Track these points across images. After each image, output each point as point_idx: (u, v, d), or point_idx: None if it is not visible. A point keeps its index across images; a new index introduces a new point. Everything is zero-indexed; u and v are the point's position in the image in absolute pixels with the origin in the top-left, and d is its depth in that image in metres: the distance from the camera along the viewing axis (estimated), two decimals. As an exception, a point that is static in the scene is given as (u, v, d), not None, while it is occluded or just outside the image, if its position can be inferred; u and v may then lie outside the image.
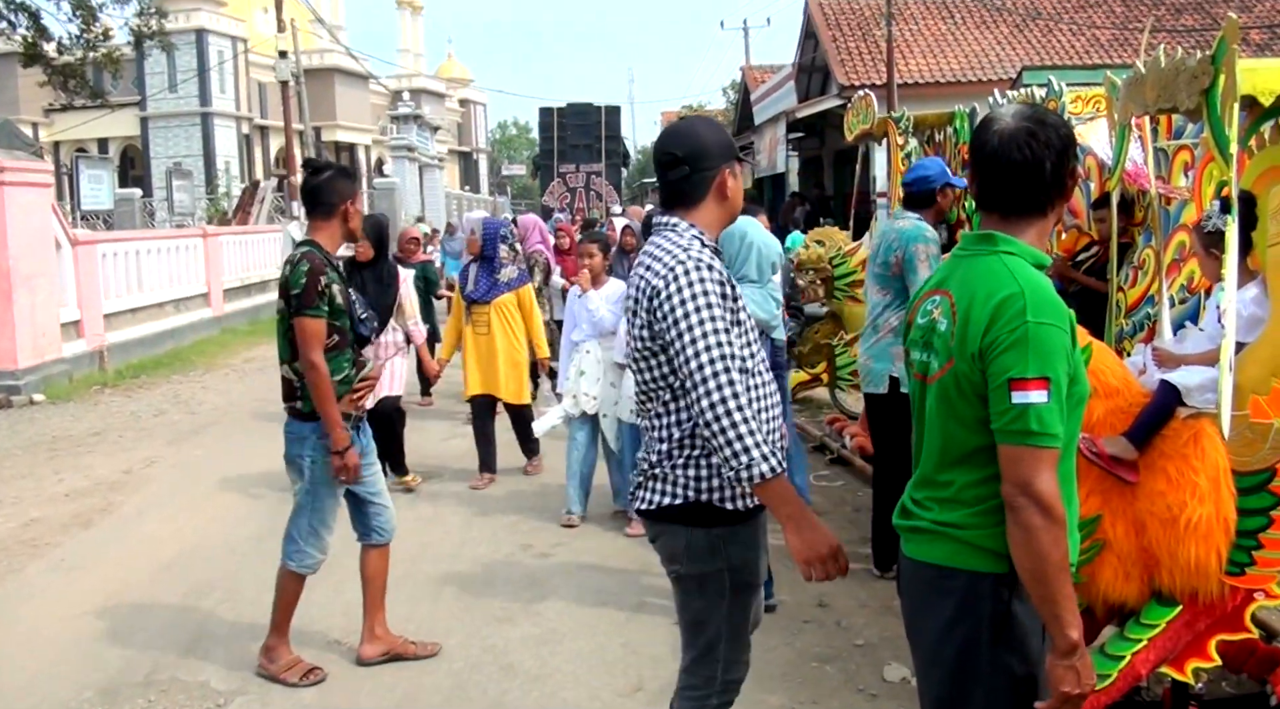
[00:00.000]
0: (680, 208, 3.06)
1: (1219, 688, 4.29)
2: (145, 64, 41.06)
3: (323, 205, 4.62)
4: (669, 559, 3.08)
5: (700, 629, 3.08)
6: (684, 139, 3.05)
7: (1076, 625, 2.30)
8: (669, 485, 2.98)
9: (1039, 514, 2.26)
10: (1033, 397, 2.26)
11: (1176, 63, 3.80)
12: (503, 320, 7.84)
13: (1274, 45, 23.55)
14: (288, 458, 4.69)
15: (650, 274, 2.92)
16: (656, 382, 2.98)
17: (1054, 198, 2.46)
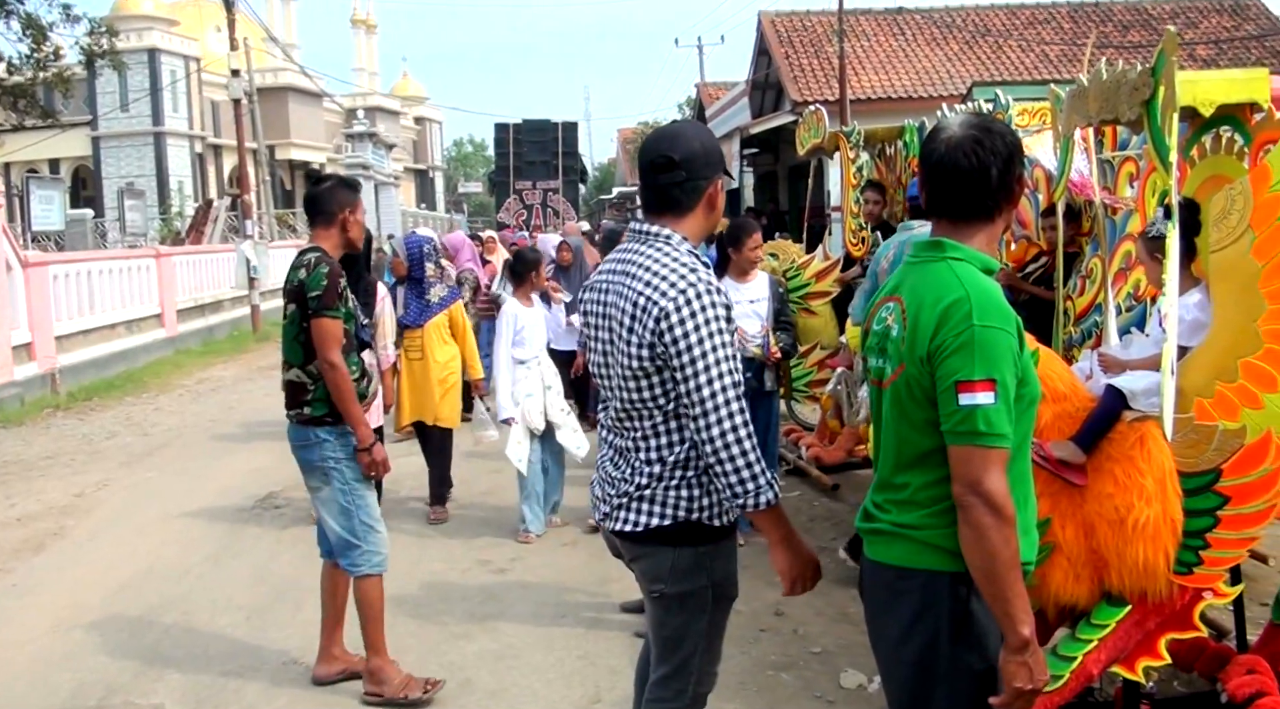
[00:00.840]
0: (669, 216, 2.94)
1: (1170, 687, 4.35)
2: (97, 83, 40.60)
3: (323, 214, 4.64)
4: (652, 580, 2.99)
5: (677, 645, 3.04)
6: (680, 142, 2.92)
7: (1028, 622, 2.34)
8: (658, 506, 2.91)
9: (989, 513, 2.31)
10: (980, 398, 2.31)
11: (1118, 75, 3.88)
12: (436, 343, 7.44)
13: (1220, 61, 23.99)
14: (307, 464, 4.62)
15: (655, 292, 2.79)
16: (646, 403, 2.88)
17: (1001, 203, 2.51)
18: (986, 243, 2.53)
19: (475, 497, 8.01)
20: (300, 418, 4.58)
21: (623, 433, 3.00)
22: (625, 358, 2.86)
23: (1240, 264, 3.57)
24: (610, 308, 2.92)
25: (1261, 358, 3.48)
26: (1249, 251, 3.54)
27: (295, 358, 4.58)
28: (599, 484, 3.10)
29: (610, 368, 2.95)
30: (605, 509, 3.03)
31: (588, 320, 3.06)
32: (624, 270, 2.91)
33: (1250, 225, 3.54)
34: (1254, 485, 3.38)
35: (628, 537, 2.98)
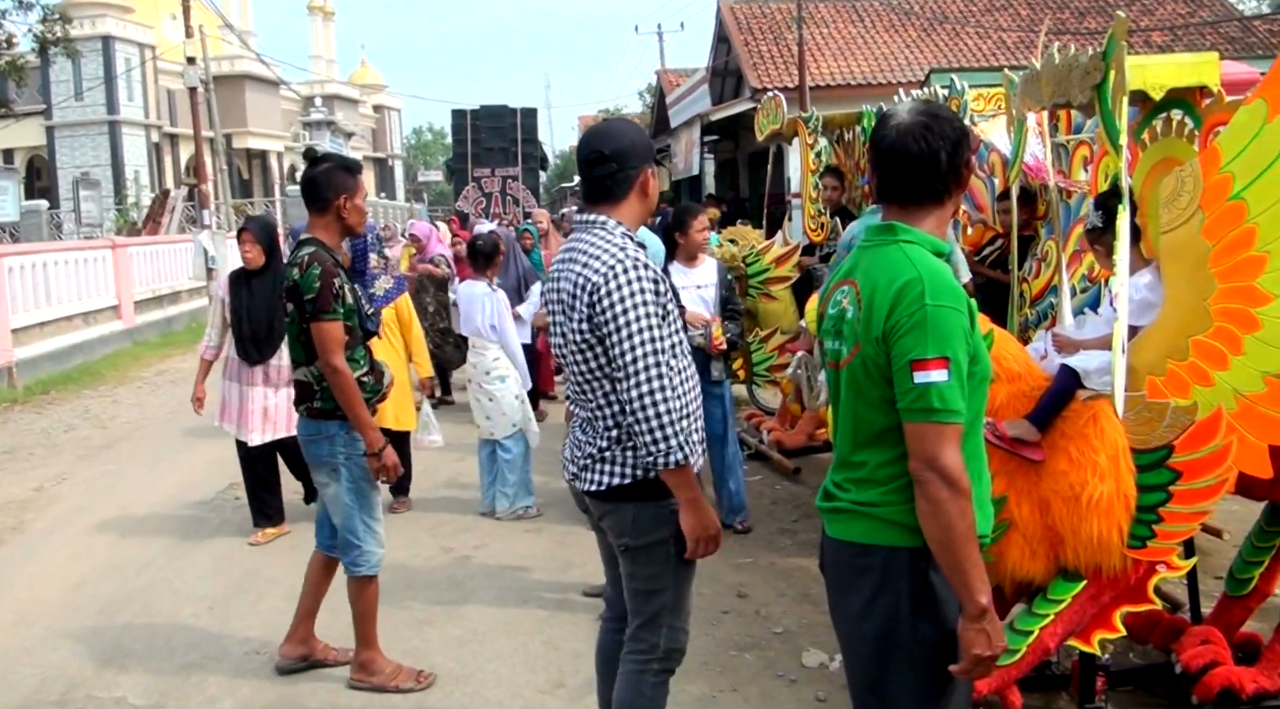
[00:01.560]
0: (605, 204, 3.21)
1: (1125, 658, 4.44)
2: (50, 72, 39.93)
3: (318, 200, 4.42)
4: (618, 533, 3.25)
5: (649, 597, 3.28)
6: (610, 138, 3.20)
7: (985, 591, 2.41)
8: (618, 466, 3.17)
9: (944, 487, 2.38)
10: (933, 376, 2.38)
11: (1070, 59, 3.93)
12: (383, 340, 6.62)
13: (1175, 47, 24.22)
14: (315, 460, 4.52)
15: (589, 271, 3.07)
16: (594, 372, 3.14)
17: (950, 187, 2.58)
18: (936, 226, 2.59)
19: (438, 485, 8.00)
20: (310, 411, 4.49)
21: (583, 403, 3.26)
22: (574, 334, 3.14)
23: (1190, 244, 3.64)
24: (561, 291, 3.19)
25: (1212, 336, 3.55)
26: (1199, 232, 3.61)
27: (299, 357, 4.47)
28: (569, 447, 3.37)
29: (566, 346, 3.21)
30: (574, 470, 3.31)
31: (548, 306, 3.32)
32: (570, 256, 3.20)
33: (1200, 206, 3.61)
34: (1205, 461, 3.45)
35: (594, 495, 3.25)
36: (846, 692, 4.32)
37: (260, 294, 6.43)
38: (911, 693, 2.55)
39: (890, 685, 2.57)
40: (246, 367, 6.63)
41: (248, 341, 6.54)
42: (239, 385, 6.67)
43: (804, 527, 6.44)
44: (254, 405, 6.61)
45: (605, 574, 3.63)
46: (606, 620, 3.62)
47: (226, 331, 6.66)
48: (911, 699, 2.56)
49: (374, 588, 4.63)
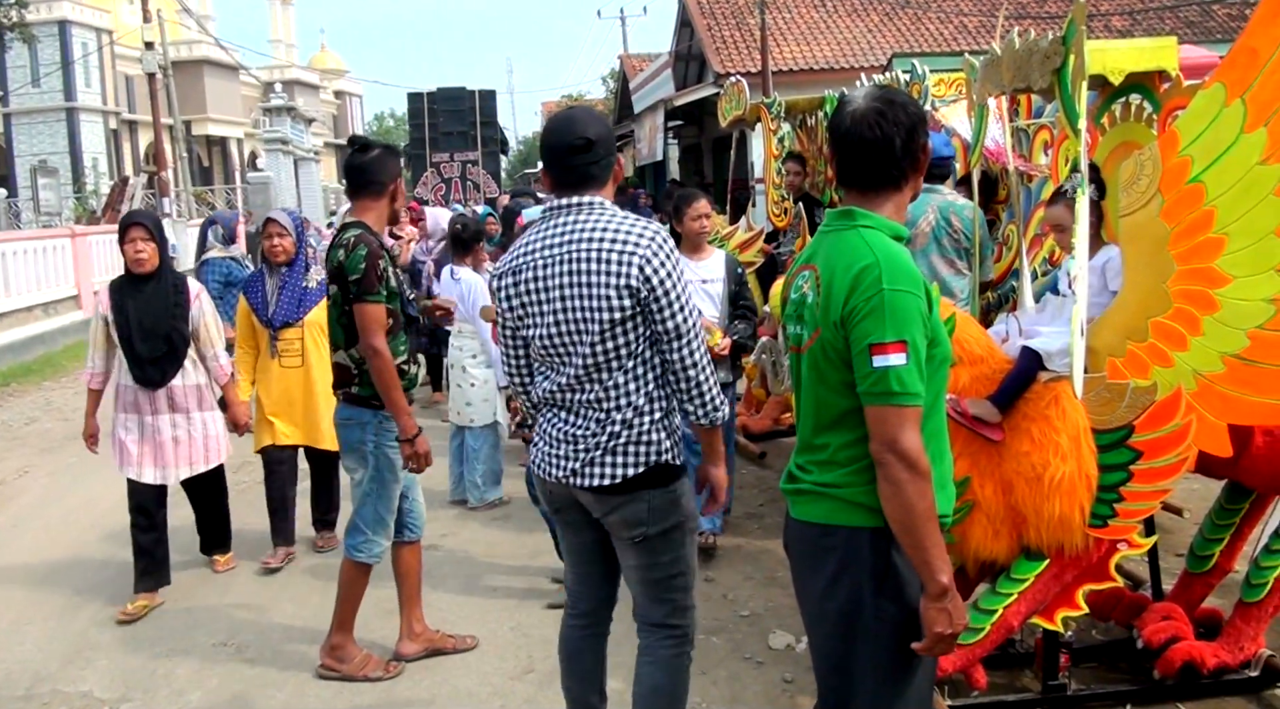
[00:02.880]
0: (590, 189, 3.19)
1: (1089, 635, 4.50)
2: (6, 58, 39.40)
3: (374, 184, 4.44)
4: (633, 525, 3.19)
5: (670, 583, 3.28)
6: (593, 125, 3.21)
7: (946, 570, 2.45)
8: (631, 455, 3.14)
9: (904, 469, 2.41)
10: (892, 359, 2.41)
11: (1030, 44, 3.96)
12: (317, 344, 5.95)
13: (1134, 31, 24.43)
14: (348, 445, 4.51)
15: (629, 246, 3.04)
16: (620, 352, 3.10)
17: (906, 172, 2.62)
18: (895, 211, 2.63)
19: (405, 473, 7.97)
20: (347, 396, 4.47)
21: (584, 387, 3.15)
22: (596, 314, 3.07)
23: (1150, 227, 3.68)
24: (562, 277, 3.11)
25: (1171, 317, 3.60)
26: (1158, 215, 3.65)
27: (339, 339, 4.46)
28: (550, 444, 3.25)
29: (568, 334, 3.12)
30: (571, 466, 3.18)
31: (523, 298, 3.21)
32: (569, 239, 3.13)
33: (1159, 190, 3.65)
34: (1165, 440, 3.50)
35: (603, 490, 3.16)
36: (813, 673, 4.39)
37: (155, 302, 5.44)
38: (875, 671, 2.59)
39: (854, 664, 2.60)
40: (145, 393, 5.52)
41: (145, 363, 5.45)
42: (138, 417, 5.57)
43: (769, 511, 6.47)
44: (164, 436, 5.56)
45: (572, 572, 3.55)
46: (573, 618, 3.54)
47: (114, 353, 5.55)
48: (876, 677, 2.59)
49: (365, 576, 4.62)
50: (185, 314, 5.49)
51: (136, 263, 5.39)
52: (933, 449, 2.52)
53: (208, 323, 5.60)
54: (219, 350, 5.68)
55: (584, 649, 3.50)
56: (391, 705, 4.42)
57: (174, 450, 5.60)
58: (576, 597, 3.53)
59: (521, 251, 3.24)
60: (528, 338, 3.26)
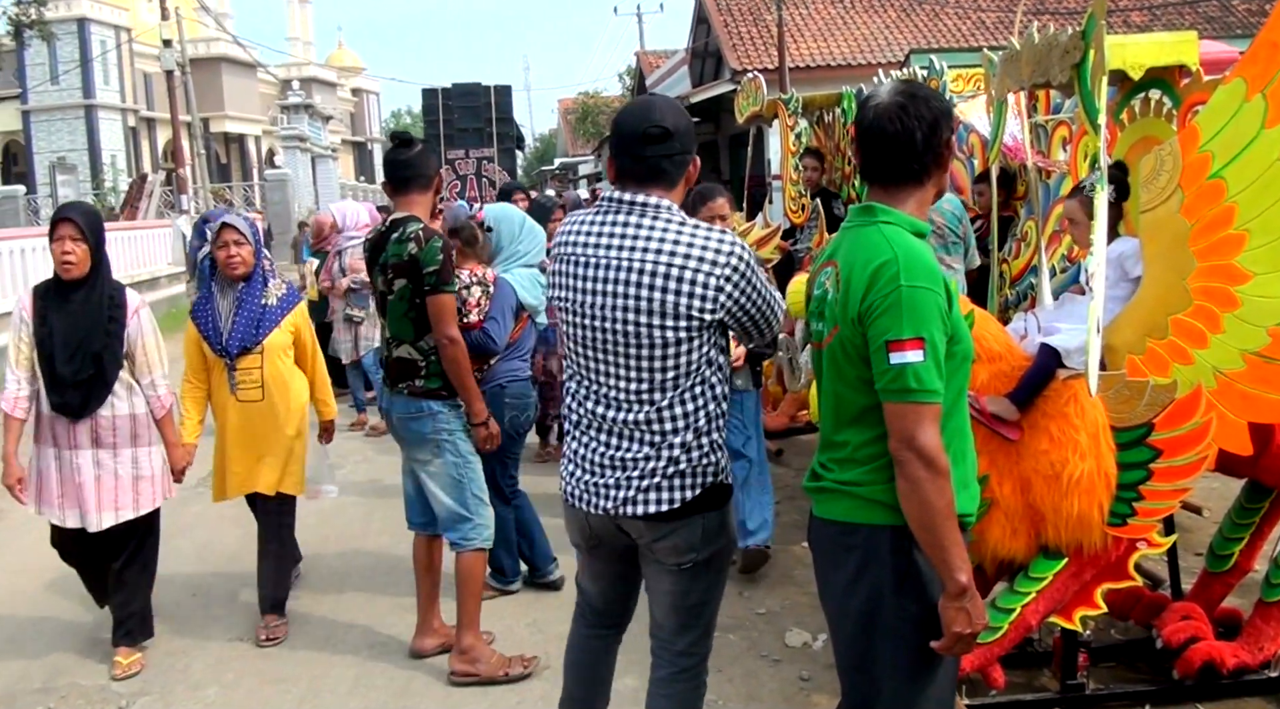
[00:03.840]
0: (659, 188, 2.88)
1: (1107, 635, 4.48)
2: (25, 55, 39.60)
3: (422, 177, 4.43)
4: (682, 551, 2.95)
5: (702, 609, 3.09)
6: (670, 114, 2.88)
7: (965, 569, 2.44)
8: (689, 477, 2.90)
9: (923, 466, 2.39)
10: (909, 356, 2.39)
11: (1049, 39, 3.94)
12: (279, 372, 5.02)
13: (1154, 26, 24.28)
14: (418, 437, 4.45)
15: (707, 261, 2.77)
16: (681, 369, 2.85)
17: (929, 167, 2.59)
18: (917, 207, 2.61)
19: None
20: (412, 390, 4.43)
21: (634, 407, 2.89)
22: (659, 330, 2.81)
23: (1170, 223, 3.65)
24: (617, 286, 2.84)
25: (1191, 314, 3.57)
26: (1178, 211, 3.63)
27: (406, 334, 4.40)
28: (594, 471, 2.98)
29: (618, 344, 2.87)
30: (623, 494, 2.92)
31: (570, 298, 2.95)
32: (630, 245, 2.84)
33: (1179, 185, 3.62)
34: (1185, 438, 3.47)
35: (659, 517, 2.91)
36: (830, 671, 4.38)
37: (85, 315, 4.62)
38: (897, 670, 2.58)
39: (876, 662, 2.59)
40: (66, 423, 4.63)
41: (66, 386, 4.57)
42: (54, 450, 4.68)
43: (786, 509, 6.45)
44: (84, 476, 4.63)
45: (596, 592, 3.30)
46: (590, 628, 3.34)
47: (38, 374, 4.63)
48: (898, 676, 2.58)
49: (483, 564, 4.60)
50: (120, 331, 4.63)
51: (64, 266, 4.60)
52: (955, 448, 2.52)
53: (147, 344, 4.71)
54: (157, 377, 4.74)
55: (599, 660, 3.36)
56: (407, 697, 4.43)
57: (95, 493, 4.63)
58: (598, 613, 3.33)
59: (573, 242, 2.96)
60: (571, 338, 3.01)
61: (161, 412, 4.78)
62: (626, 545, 3.07)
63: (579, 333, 2.95)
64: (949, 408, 2.50)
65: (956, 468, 2.49)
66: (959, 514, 2.49)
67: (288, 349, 5.05)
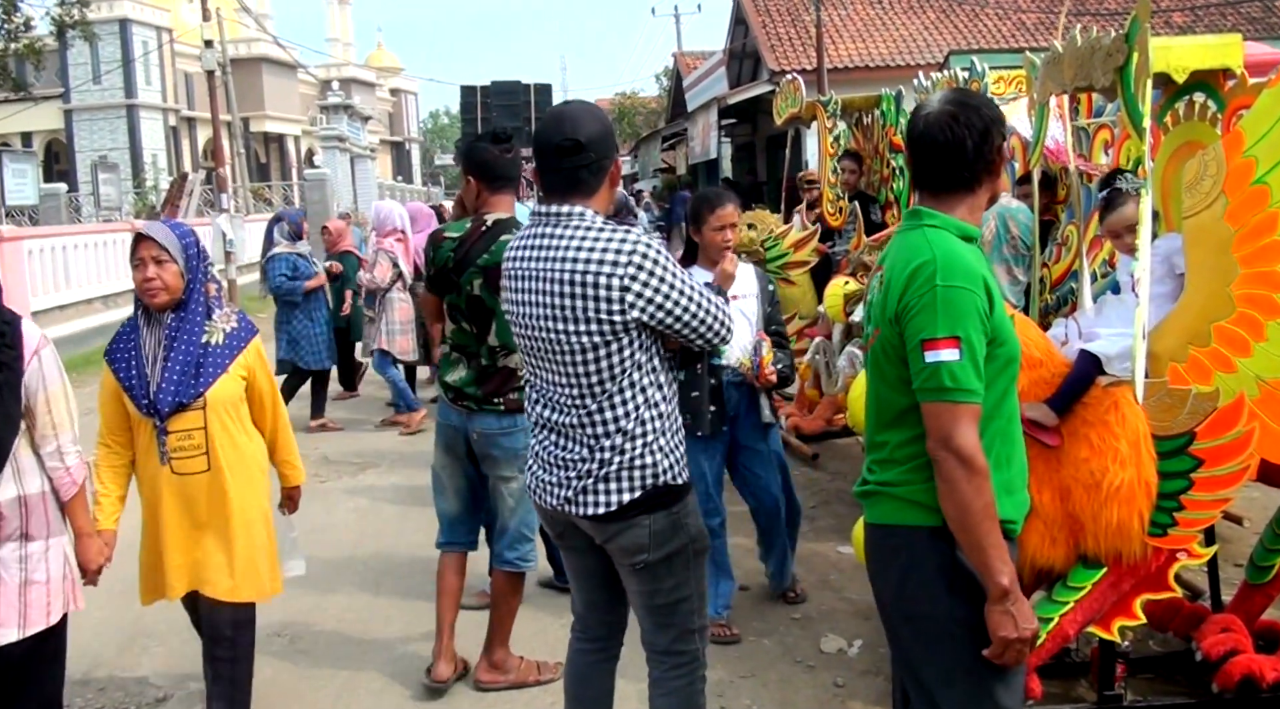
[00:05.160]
0: (578, 197, 2.95)
1: (1145, 646, 4.43)
2: (68, 55, 40.11)
3: (515, 179, 4.33)
4: (633, 552, 3.01)
5: (675, 609, 3.11)
6: (583, 124, 2.94)
7: (1006, 571, 2.40)
8: (626, 481, 2.95)
9: (959, 466, 2.38)
10: (944, 355, 2.39)
11: (1092, 41, 3.90)
12: (229, 433, 3.80)
13: (1196, 27, 24.04)
14: (508, 453, 4.25)
15: (607, 266, 2.81)
16: (603, 374, 2.90)
17: (980, 175, 2.59)
18: (968, 213, 2.61)
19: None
20: (509, 404, 4.20)
21: (569, 411, 2.98)
22: (575, 336, 2.88)
23: (1213, 229, 3.60)
24: (541, 296, 2.93)
25: (1234, 322, 3.52)
26: (1222, 217, 3.58)
27: (511, 341, 4.02)
28: (545, 469, 3.08)
29: (549, 352, 2.96)
30: (565, 494, 3.01)
31: (512, 311, 3.09)
32: (549, 256, 2.92)
33: (1223, 191, 3.57)
34: (1227, 448, 3.43)
35: (601, 518, 2.98)
36: (865, 678, 4.37)
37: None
38: (958, 677, 2.53)
39: (934, 670, 2.57)
40: None
41: None
42: None
43: (821, 513, 6.43)
44: None
45: (579, 597, 3.37)
46: (581, 642, 3.38)
47: None
48: (960, 684, 2.54)
49: (523, 584, 4.53)
50: (15, 379, 3.27)
51: None
52: (999, 451, 2.50)
53: (52, 395, 3.38)
54: (65, 442, 3.45)
55: (592, 675, 3.36)
56: (441, 695, 4.45)
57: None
58: (585, 621, 3.37)
59: (513, 258, 3.06)
60: (519, 348, 3.13)
61: (72, 490, 3.48)
62: (591, 540, 3.12)
63: (523, 342, 3.07)
64: (991, 410, 2.48)
65: (1000, 472, 2.47)
66: (1002, 520, 2.46)
67: (239, 402, 3.84)
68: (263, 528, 3.94)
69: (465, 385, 4.27)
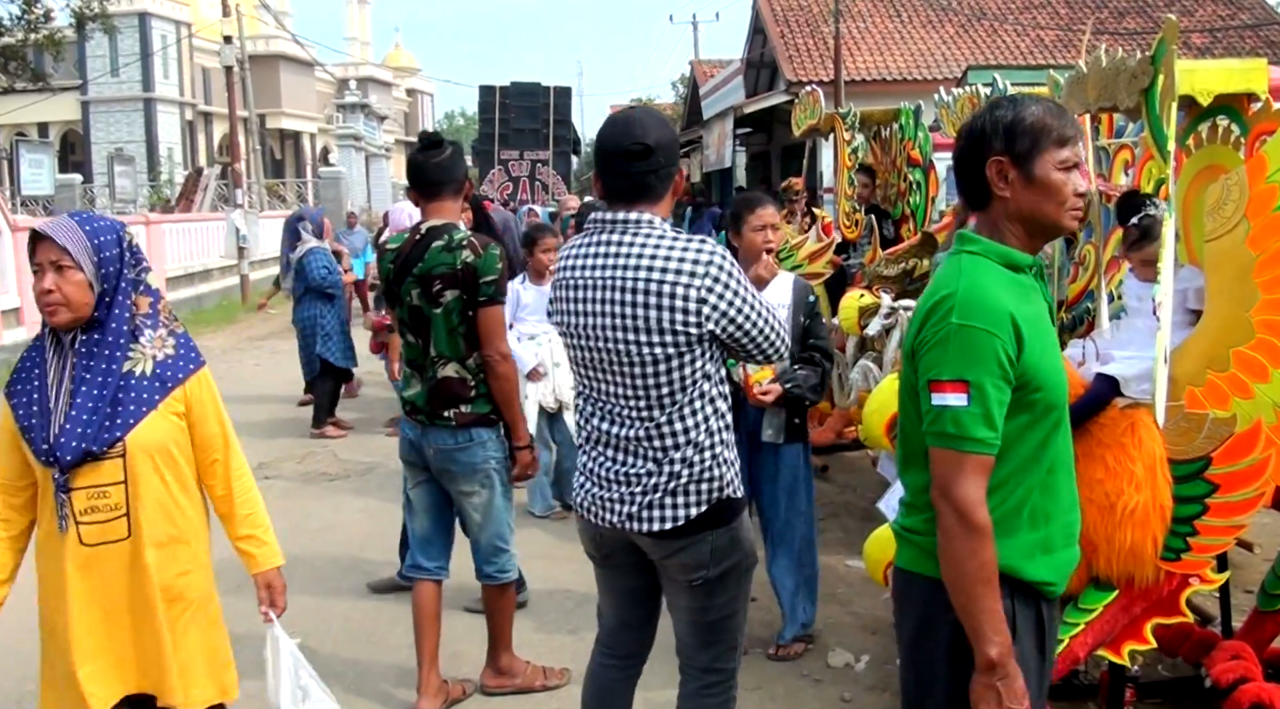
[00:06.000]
0: (644, 203, 2.90)
1: (1155, 671, 4.41)
2: (87, 47, 40.25)
3: (454, 182, 4.20)
4: (693, 568, 2.96)
5: (724, 627, 3.07)
6: (653, 129, 2.88)
7: (997, 642, 2.22)
8: (694, 494, 2.90)
9: (956, 520, 2.23)
10: (950, 399, 2.23)
11: (1117, 62, 3.89)
12: (158, 492, 2.92)
13: (1214, 49, 24.00)
14: (467, 468, 4.16)
15: (685, 276, 2.78)
16: (674, 385, 2.85)
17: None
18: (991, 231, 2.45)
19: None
20: (461, 418, 4.11)
21: (634, 424, 2.92)
22: (648, 348, 2.82)
23: (1234, 253, 3.59)
24: (609, 305, 2.87)
25: (1254, 347, 3.50)
26: (1243, 241, 3.56)
27: (454, 352, 4.10)
28: (601, 485, 3.00)
29: (613, 363, 2.90)
30: (628, 510, 2.93)
31: (567, 320, 3.01)
32: (618, 263, 2.86)
33: (1245, 215, 3.56)
34: (1243, 473, 3.41)
35: (662, 534, 2.92)
36: (872, 693, 4.36)
37: None
38: None
39: None
40: None
41: None
42: None
43: (830, 526, 6.42)
44: None
45: (613, 615, 3.30)
46: (609, 658, 3.31)
47: None
48: None
49: (513, 592, 4.48)
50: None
51: None
52: (1037, 506, 2.35)
53: None
54: None
55: (618, 691, 3.31)
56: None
57: None
58: (616, 640, 3.30)
59: (571, 267, 2.99)
60: (574, 359, 3.06)
61: None
62: (640, 558, 3.07)
63: (581, 354, 2.99)
64: (1025, 461, 2.32)
65: (1036, 530, 2.33)
66: (1036, 581, 2.33)
67: (175, 450, 2.94)
68: (206, 618, 3.05)
69: (417, 400, 4.19)
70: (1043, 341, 2.34)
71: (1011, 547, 2.31)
